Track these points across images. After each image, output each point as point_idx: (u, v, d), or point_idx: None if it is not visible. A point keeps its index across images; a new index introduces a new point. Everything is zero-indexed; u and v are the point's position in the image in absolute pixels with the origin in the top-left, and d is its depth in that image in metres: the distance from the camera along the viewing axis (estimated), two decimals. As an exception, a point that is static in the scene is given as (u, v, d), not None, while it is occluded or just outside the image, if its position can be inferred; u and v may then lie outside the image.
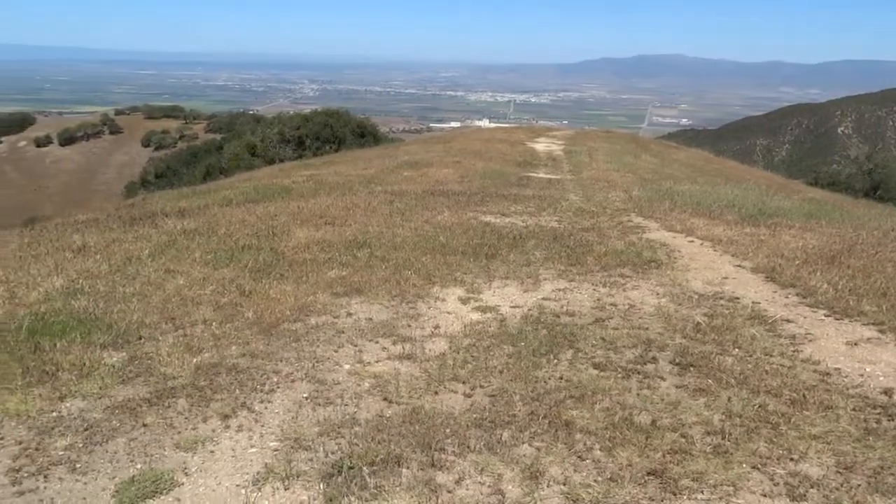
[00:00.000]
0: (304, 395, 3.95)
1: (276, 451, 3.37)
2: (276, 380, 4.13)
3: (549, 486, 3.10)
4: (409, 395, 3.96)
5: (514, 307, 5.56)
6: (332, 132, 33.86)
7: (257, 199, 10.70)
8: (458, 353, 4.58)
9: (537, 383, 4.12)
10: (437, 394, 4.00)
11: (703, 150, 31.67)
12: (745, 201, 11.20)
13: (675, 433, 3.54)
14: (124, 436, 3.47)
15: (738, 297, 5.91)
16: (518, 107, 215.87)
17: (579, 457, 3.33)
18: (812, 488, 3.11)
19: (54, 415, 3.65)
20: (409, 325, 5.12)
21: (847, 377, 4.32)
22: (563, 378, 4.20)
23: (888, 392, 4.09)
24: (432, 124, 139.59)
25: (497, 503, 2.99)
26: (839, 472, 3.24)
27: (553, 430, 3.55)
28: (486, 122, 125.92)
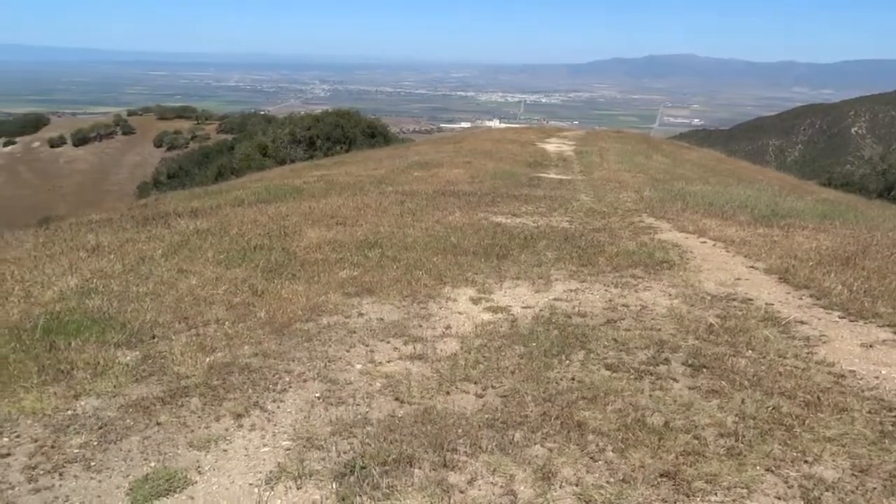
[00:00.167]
0: (317, 395, 3.96)
1: (289, 450, 3.38)
2: (288, 379, 4.15)
3: (561, 487, 3.09)
4: (421, 396, 3.97)
5: (525, 308, 5.55)
6: (342, 132, 33.93)
7: (269, 200, 10.75)
8: (470, 353, 4.58)
9: (549, 384, 4.11)
10: (448, 394, 4.00)
11: (715, 150, 31.50)
12: (757, 202, 11.12)
13: (688, 435, 3.52)
14: (138, 434, 3.50)
15: (751, 299, 5.87)
16: (528, 107, 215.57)
17: (592, 458, 3.32)
18: (827, 491, 3.08)
19: (69, 413, 3.69)
20: (421, 326, 5.12)
21: (862, 379, 4.28)
22: (574, 379, 4.19)
23: (904, 395, 4.05)
24: (443, 125, 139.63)
25: (509, 504, 2.99)
26: (854, 475, 3.21)
27: (565, 431, 3.54)
28: (496, 123, 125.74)
